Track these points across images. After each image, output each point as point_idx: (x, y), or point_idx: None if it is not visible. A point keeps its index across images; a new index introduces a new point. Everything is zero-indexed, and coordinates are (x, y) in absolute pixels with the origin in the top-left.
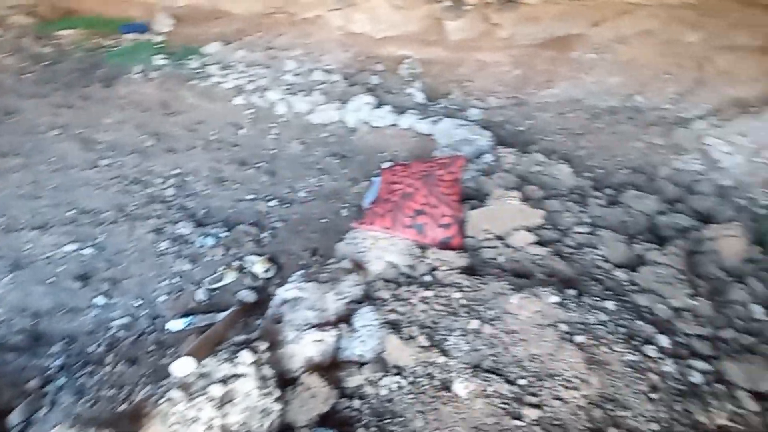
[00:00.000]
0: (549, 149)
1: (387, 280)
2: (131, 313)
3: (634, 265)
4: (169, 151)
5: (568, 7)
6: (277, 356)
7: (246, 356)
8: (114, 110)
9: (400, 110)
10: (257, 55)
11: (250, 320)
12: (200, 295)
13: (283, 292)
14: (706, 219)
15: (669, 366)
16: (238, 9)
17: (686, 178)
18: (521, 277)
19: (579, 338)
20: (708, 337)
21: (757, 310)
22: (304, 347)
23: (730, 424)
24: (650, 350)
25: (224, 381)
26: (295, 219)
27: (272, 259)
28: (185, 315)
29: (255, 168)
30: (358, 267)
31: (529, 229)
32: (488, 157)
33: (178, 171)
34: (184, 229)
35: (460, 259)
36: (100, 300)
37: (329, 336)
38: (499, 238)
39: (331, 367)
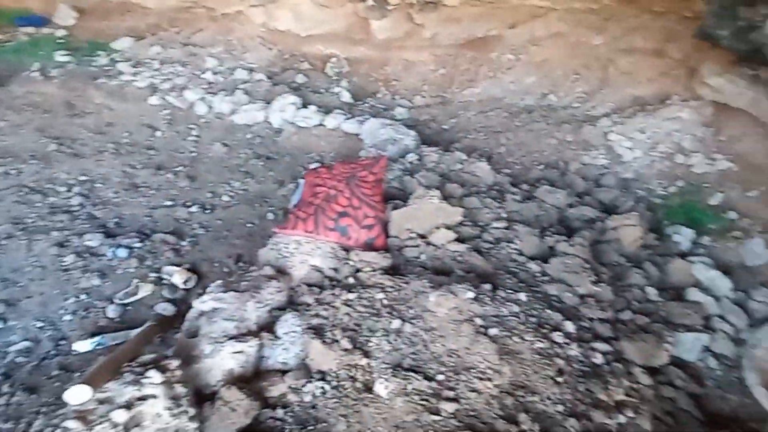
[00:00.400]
0: (471, 147)
1: (310, 285)
2: (32, 336)
3: (546, 256)
4: (75, 156)
5: (485, 9)
6: (193, 372)
7: (154, 376)
8: (9, 112)
9: (327, 110)
10: (174, 52)
11: (168, 335)
12: (111, 311)
13: (199, 304)
14: (610, 210)
15: (574, 350)
16: (152, 2)
17: (593, 172)
18: (441, 275)
19: (493, 331)
20: (609, 320)
21: (652, 292)
22: (223, 360)
23: (626, 398)
24: (558, 337)
25: (128, 405)
26: (218, 225)
27: (193, 269)
28: (93, 334)
29: (173, 172)
30: (281, 273)
31: (449, 227)
32: (412, 157)
33: (85, 178)
34: (92, 241)
35: (383, 260)
36: None
37: (249, 346)
38: (422, 236)
39: (253, 378)
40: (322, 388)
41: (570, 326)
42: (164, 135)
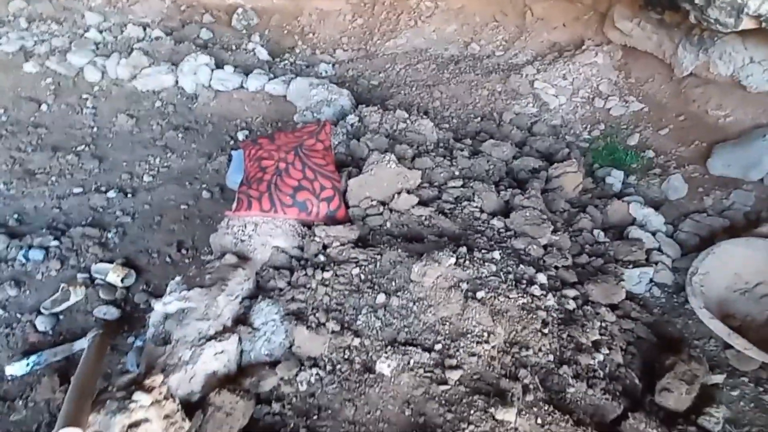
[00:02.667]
0: (406, 103)
1: (277, 268)
2: None
3: (505, 211)
4: None
5: None
6: (175, 382)
7: (141, 398)
8: None
9: (245, 70)
10: (42, 7)
11: (119, 341)
12: (41, 324)
13: (162, 307)
14: (547, 158)
15: (551, 300)
16: None
17: (525, 121)
18: (413, 242)
19: (480, 293)
20: (570, 266)
21: (599, 234)
22: (205, 364)
23: (600, 337)
24: (535, 290)
25: None
26: (146, 210)
27: (128, 264)
28: (26, 353)
29: (74, 153)
30: (243, 259)
31: (409, 191)
32: (352, 119)
33: None
34: None
35: (350, 233)
36: None
37: (230, 344)
38: (383, 203)
39: (238, 376)
40: (317, 374)
41: (542, 278)
42: (52, 109)
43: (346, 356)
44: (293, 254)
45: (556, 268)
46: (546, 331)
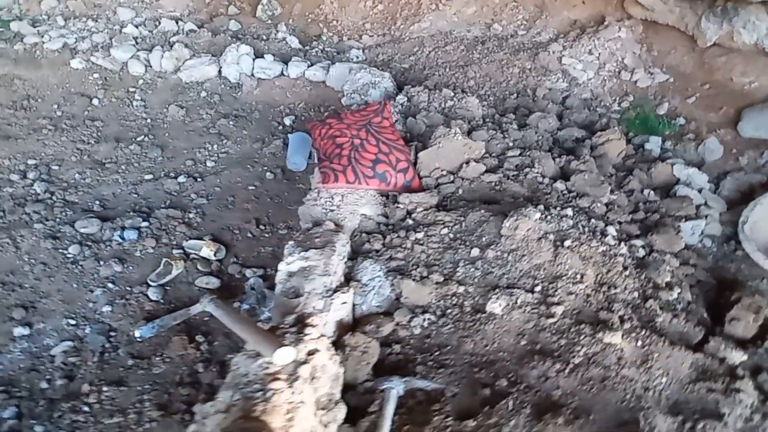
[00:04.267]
0: (442, 83)
1: (368, 233)
2: (70, 335)
3: (562, 176)
4: (7, 138)
5: None
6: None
7: (312, 332)
8: None
9: (282, 58)
10: (74, 4)
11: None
12: (153, 294)
13: (286, 266)
14: (587, 128)
15: (623, 249)
16: None
17: (558, 96)
18: (492, 203)
19: (567, 242)
20: (632, 221)
21: (649, 194)
22: (335, 312)
23: (671, 279)
24: (610, 240)
25: (306, 361)
26: (218, 192)
27: (216, 239)
28: (148, 319)
29: (137, 143)
30: (338, 226)
31: (476, 161)
32: (402, 98)
33: (33, 162)
34: (89, 227)
35: (431, 198)
36: (20, 330)
37: (349, 296)
38: (451, 173)
39: (355, 325)
40: (429, 319)
41: (612, 230)
42: (103, 103)
43: (454, 302)
44: (379, 221)
45: (620, 223)
46: (627, 273)
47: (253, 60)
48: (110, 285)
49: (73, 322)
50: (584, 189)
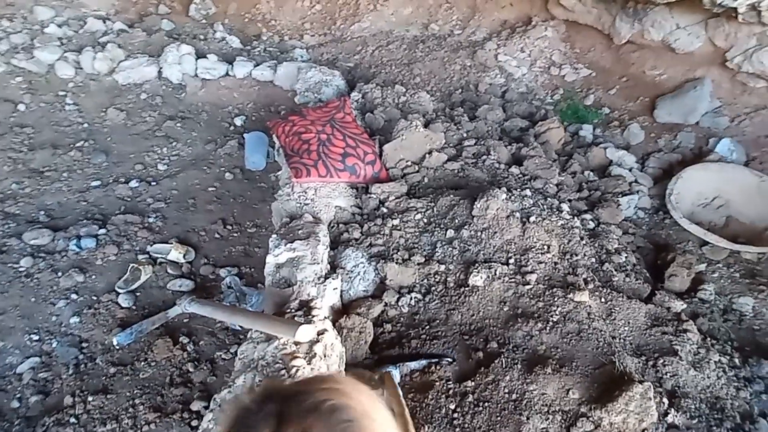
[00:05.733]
0: (389, 81)
1: (345, 223)
2: (35, 351)
3: (515, 162)
4: None
5: None
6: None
7: (319, 313)
8: None
9: (226, 58)
10: None
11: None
12: (124, 301)
13: (274, 258)
14: (528, 119)
15: (577, 222)
16: None
17: (498, 90)
18: (457, 189)
19: (532, 218)
20: (579, 199)
21: (589, 174)
22: (329, 298)
23: (618, 246)
24: (565, 215)
25: (318, 340)
26: (176, 195)
27: (182, 242)
28: (124, 326)
29: (76, 149)
30: (315, 218)
31: (438, 151)
32: (356, 95)
33: None
34: (39, 239)
35: (401, 187)
36: None
37: (339, 282)
38: (416, 163)
39: (345, 310)
40: (415, 297)
41: (566, 207)
42: (30, 108)
43: (437, 280)
44: (353, 211)
45: (569, 200)
46: (584, 242)
47: (196, 60)
48: (74, 296)
49: (36, 337)
50: (536, 172)
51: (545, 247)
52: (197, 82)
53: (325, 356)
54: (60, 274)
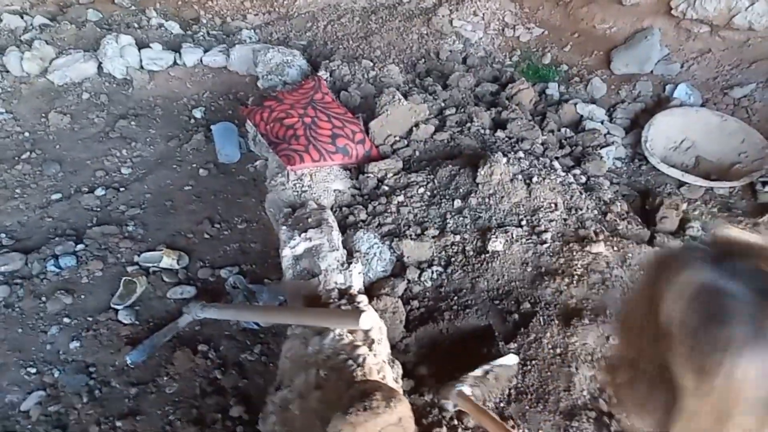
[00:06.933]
0: (349, 56)
1: (348, 206)
2: (36, 384)
3: (500, 125)
4: None
5: None
6: None
7: (363, 299)
8: None
9: (171, 47)
10: None
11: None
12: (124, 317)
13: (291, 251)
14: (494, 82)
15: (572, 178)
16: None
17: (458, 56)
18: (453, 158)
19: (534, 179)
20: (564, 156)
21: (566, 131)
22: (356, 283)
23: (612, 196)
24: (560, 172)
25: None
26: (151, 198)
27: (171, 247)
28: (129, 344)
29: (24, 161)
30: (320, 204)
31: (424, 123)
32: (323, 74)
33: None
34: (10, 264)
35: (396, 163)
36: None
37: (361, 265)
38: (403, 138)
39: (368, 292)
40: (437, 270)
41: (558, 164)
42: None
43: (455, 250)
44: (352, 193)
45: (557, 158)
46: (584, 196)
47: (139, 51)
48: (66, 320)
49: (33, 370)
50: (521, 134)
51: (552, 205)
52: (144, 75)
53: (380, 341)
54: (44, 299)
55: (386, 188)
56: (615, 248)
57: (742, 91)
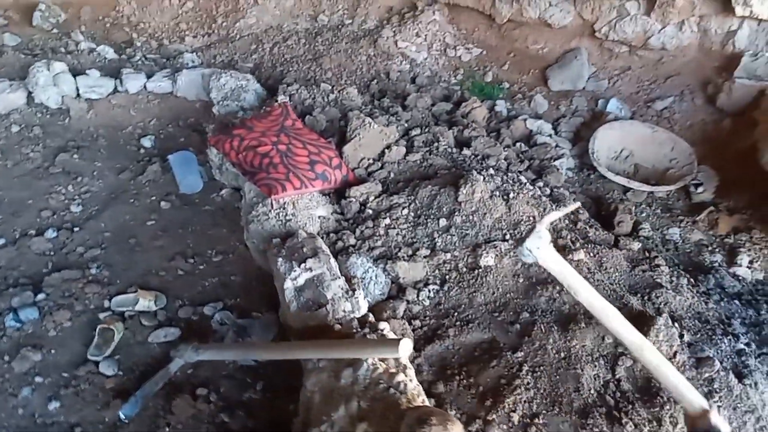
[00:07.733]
0: (301, 79)
1: (334, 232)
2: None
3: (464, 143)
4: None
5: None
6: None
7: (385, 326)
8: None
9: (108, 73)
10: None
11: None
12: (106, 369)
13: (292, 282)
14: (446, 101)
15: (538, 189)
16: None
17: (407, 76)
18: (428, 178)
19: (510, 194)
20: (525, 169)
21: (521, 145)
22: (363, 309)
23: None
24: (529, 186)
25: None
26: (110, 237)
27: (145, 287)
28: (120, 397)
29: None
30: (308, 233)
31: (395, 145)
32: (282, 98)
33: None
34: None
35: (376, 186)
36: None
37: (362, 292)
38: (376, 160)
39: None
40: (432, 289)
41: (524, 178)
42: None
43: (448, 268)
44: (336, 218)
45: (520, 171)
46: (553, 207)
47: (75, 78)
48: (38, 378)
49: None
50: (485, 151)
51: (530, 218)
52: (83, 104)
53: (410, 366)
54: (8, 357)
55: (370, 211)
56: (591, 254)
57: (662, 103)
